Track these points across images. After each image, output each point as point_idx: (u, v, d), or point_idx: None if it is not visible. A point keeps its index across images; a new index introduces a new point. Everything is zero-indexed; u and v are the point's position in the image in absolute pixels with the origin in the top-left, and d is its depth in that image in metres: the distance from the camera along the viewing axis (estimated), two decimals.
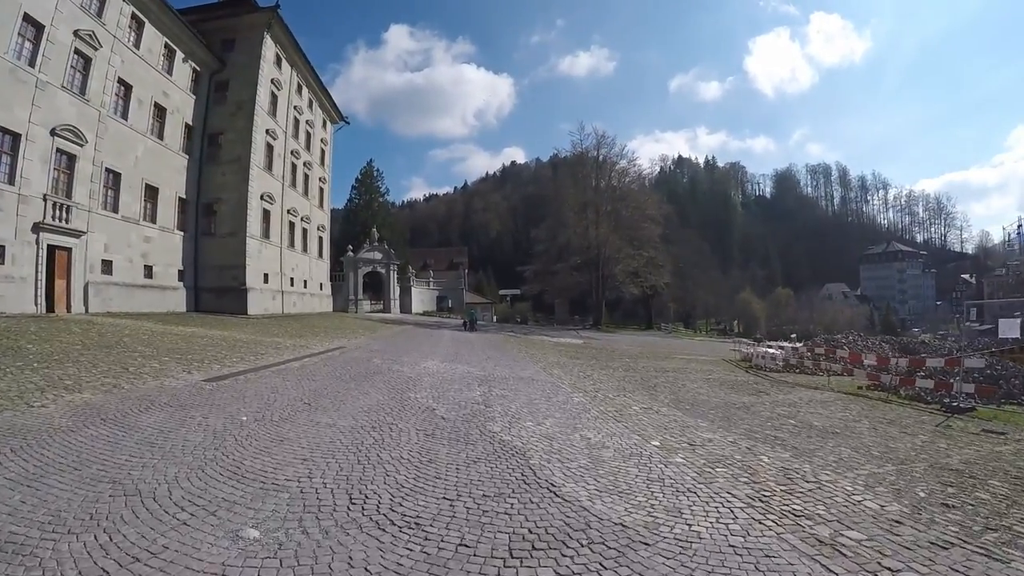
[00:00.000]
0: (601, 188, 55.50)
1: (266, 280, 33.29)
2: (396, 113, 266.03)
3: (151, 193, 26.81)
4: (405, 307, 59.18)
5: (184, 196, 29.35)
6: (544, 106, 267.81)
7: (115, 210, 24.34)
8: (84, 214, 22.34)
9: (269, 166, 34.13)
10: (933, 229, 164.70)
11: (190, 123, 29.97)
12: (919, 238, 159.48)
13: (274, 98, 34.89)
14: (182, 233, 29.16)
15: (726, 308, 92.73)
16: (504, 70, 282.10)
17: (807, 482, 5.32)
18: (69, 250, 21.75)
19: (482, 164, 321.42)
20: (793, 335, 59.91)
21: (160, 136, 27.50)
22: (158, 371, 9.99)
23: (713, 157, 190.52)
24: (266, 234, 33.71)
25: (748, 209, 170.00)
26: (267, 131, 33.56)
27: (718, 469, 5.64)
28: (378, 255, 56.50)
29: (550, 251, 54.63)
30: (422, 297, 64.04)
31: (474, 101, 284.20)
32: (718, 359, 23.78)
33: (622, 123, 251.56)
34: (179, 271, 28.85)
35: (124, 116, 24.86)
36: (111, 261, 23.95)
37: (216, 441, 5.51)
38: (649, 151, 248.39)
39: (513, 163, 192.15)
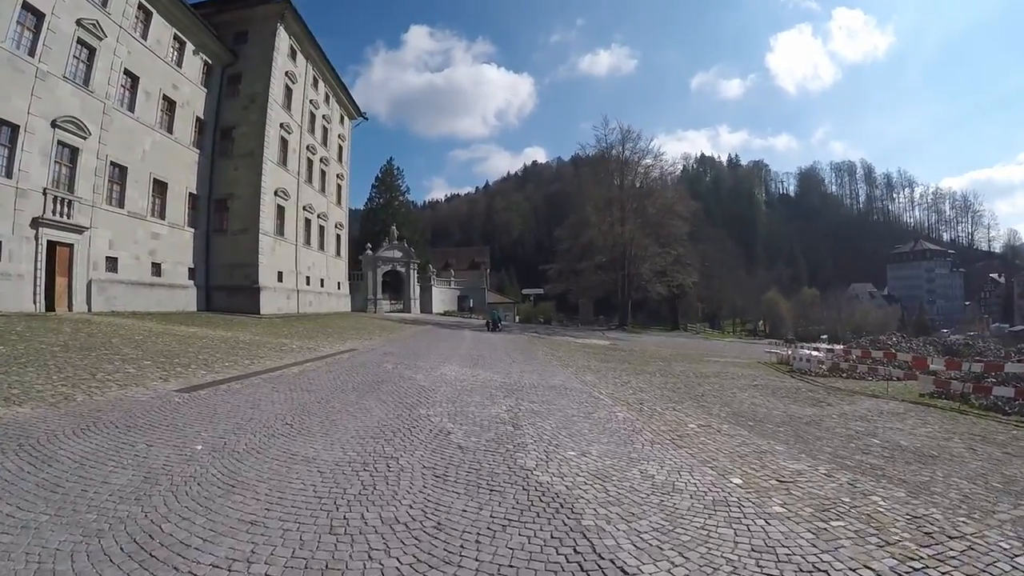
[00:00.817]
0: (626, 184, 53.55)
1: (280, 279, 32.15)
2: (416, 114, 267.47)
3: (160, 188, 25.81)
4: (425, 307, 57.83)
5: (195, 192, 28.35)
6: (565, 106, 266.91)
7: (121, 205, 23.34)
8: (87, 209, 21.36)
9: (283, 161, 32.99)
10: (960, 227, 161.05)
11: (201, 117, 28.96)
12: (945, 237, 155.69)
13: (288, 91, 33.76)
14: (193, 230, 28.12)
15: (752, 308, 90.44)
16: (524, 69, 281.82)
17: (950, 537, 3.87)
18: (71, 246, 20.79)
19: (503, 164, 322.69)
20: (824, 336, 57.85)
21: (169, 130, 26.50)
22: (130, 378, 8.56)
23: (736, 155, 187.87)
24: (280, 231, 32.59)
25: (772, 208, 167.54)
26: (281, 125, 32.41)
27: (833, 522, 4.08)
28: (398, 253, 55.23)
29: (573, 250, 52.78)
30: (443, 297, 62.70)
31: (495, 101, 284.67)
32: (754, 362, 22.24)
33: (643, 121, 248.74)
34: (189, 269, 27.80)
35: (131, 108, 23.88)
36: (116, 258, 22.95)
37: (145, 485, 3.97)
38: (671, 150, 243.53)
39: (534, 163, 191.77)
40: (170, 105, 26.67)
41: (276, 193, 31.71)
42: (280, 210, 32.53)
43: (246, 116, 30.28)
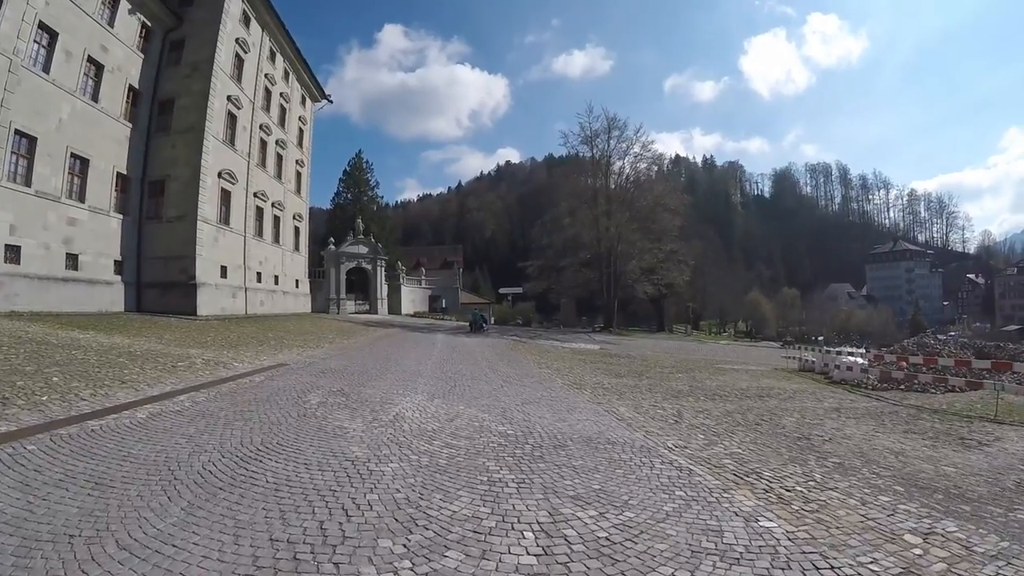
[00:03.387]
0: (612, 175, 50.56)
1: (224, 274, 27.91)
2: (389, 114, 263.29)
3: (80, 165, 21.69)
4: (394, 307, 53.87)
5: (125, 172, 24.18)
6: (539, 107, 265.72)
7: (27, 183, 19.22)
8: None
9: (231, 139, 28.87)
10: (935, 229, 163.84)
11: (136, 86, 24.82)
12: (920, 238, 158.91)
13: (239, 61, 29.72)
14: (121, 216, 23.95)
15: (735, 309, 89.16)
16: (499, 70, 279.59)
17: None
18: None
19: (476, 165, 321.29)
20: (820, 338, 55.97)
21: (95, 98, 22.41)
22: None
23: (711, 156, 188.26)
24: (225, 219, 28.35)
25: (748, 209, 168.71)
26: (229, 97, 28.30)
27: None
28: (364, 249, 51.01)
29: (554, 245, 49.56)
30: (413, 297, 58.85)
31: (468, 102, 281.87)
32: (776, 369, 19.59)
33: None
34: (116, 262, 23.59)
35: (45, 69, 19.83)
36: (19, 247, 18.83)
37: None
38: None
39: (508, 163, 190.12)
40: (97, 69, 22.53)
41: (220, 175, 27.52)
42: (225, 195, 28.33)
43: (188, 86, 26.15)
